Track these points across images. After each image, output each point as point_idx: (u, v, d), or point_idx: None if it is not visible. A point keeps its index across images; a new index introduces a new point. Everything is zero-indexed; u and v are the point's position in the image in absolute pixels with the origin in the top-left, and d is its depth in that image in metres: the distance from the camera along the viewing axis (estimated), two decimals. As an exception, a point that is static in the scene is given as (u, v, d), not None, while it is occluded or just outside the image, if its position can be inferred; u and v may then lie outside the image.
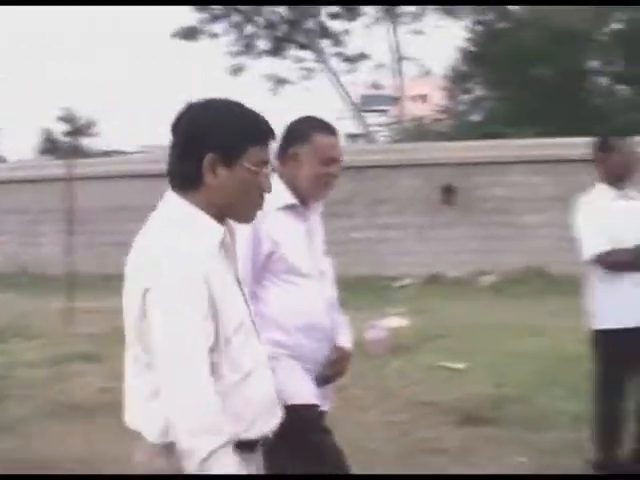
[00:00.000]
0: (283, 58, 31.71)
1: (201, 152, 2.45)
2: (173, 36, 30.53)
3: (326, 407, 3.93)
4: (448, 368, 9.04)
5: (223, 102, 2.57)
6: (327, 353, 3.88)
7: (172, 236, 2.40)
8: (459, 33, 44.38)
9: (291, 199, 3.75)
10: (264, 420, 2.61)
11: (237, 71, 31.37)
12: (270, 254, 3.63)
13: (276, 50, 31.43)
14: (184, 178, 2.49)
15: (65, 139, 47.09)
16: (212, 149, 2.45)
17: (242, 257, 3.40)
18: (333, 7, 30.39)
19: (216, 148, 2.45)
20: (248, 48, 31.26)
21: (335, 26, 31.42)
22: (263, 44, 31.43)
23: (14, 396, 8.16)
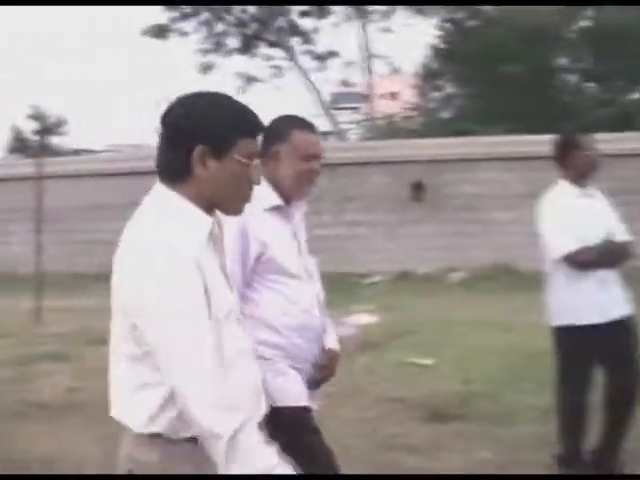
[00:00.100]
0: (253, 56, 31.75)
1: (191, 144, 2.45)
2: (143, 34, 30.48)
3: (315, 406, 3.95)
4: (417, 364, 9.08)
5: (212, 95, 2.58)
6: (317, 352, 3.90)
7: (162, 230, 2.41)
8: (429, 31, 44.64)
9: (277, 200, 3.75)
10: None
11: (207, 69, 31.35)
12: (259, 256, 3.63)
13: (246, 48, 31.39)
14: (173, 170, 2.49)
15: (34, 138, 46.74)
16: (202, 141, 2.45)
17: (231, 260, 3.37)
18: (303, 5, 30.43)
19: (206, 140, 2.45)
20: (218, 46, 31.24)
21: (305, 24, 31.52)
22: (233, 42, 31.46)
23: (-18, 396, 8.12)
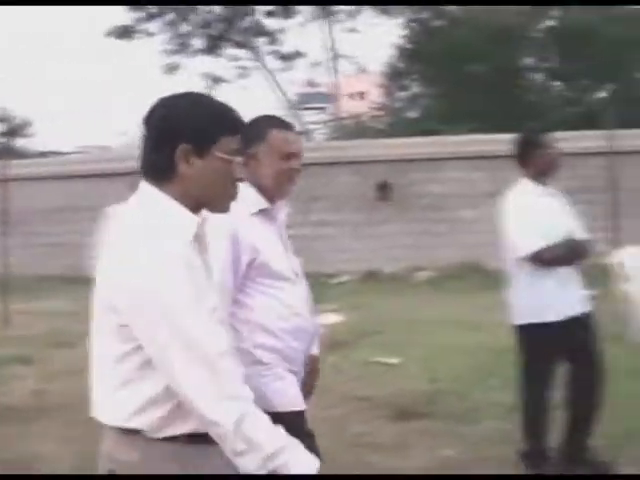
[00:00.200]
0: (218, 57, 31.68)
1: (174, 143, 2.47)
2: (108, 35, 30.33)
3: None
4: (383, 363, 9.12)
5: (193, 95, 2.61)
6: (308, 354, 3.89)
7: (148, 229, 2.42)
8: (394, 31, 44.73)
9: (263, 203, 3.74)
10: None
11: (172, 70, 31.26)
12: (251, 262, 3.61)
13: (211, 49, 31.30)
14: (158, 170, 2.51)
15: (0, 139, 46.34)
16: (184, 140, 2.47)
17: (223, 267, 3.45)
18: (268, 5, 30.39)
19: (188, 139, 2.48)
20: (183, 47, 31.14)
21: (271, 24, 31.50)
22: (198, 43, 31.35)
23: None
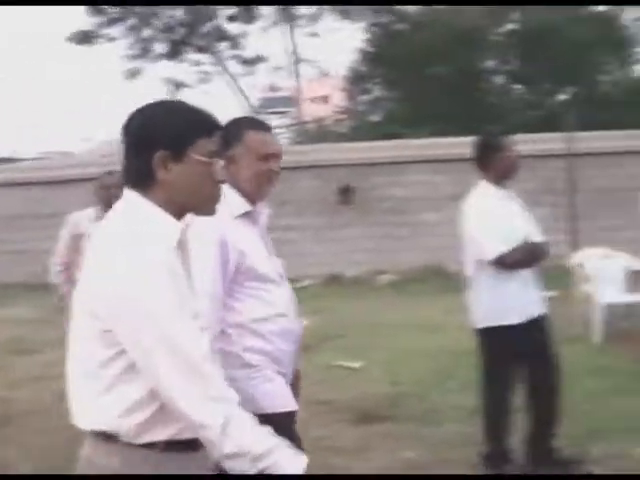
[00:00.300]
0: (180, 61, 31.44)
1: (151, 150, 2.49)
2: (69, 40, 30.10)
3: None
4: (346, 367, 9.12)
5: (169, 102, 2.68)
6: (295, 355, 3.88)
7: (132, 235, 2.43)
8: (356, 35, 44.81)
9: (246, 206, 3.75)
10: None
11: (134, 74, 31.03)
12: (239, 266, 3.61)
13: (173, 53, 31.14)
14: (138, 177, 2.53)
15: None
16: (161, 146, 2.50)
17: (214, 277, 3.47)
18: (230, 9, 30.30)
19: (165, 145, 2.50)
20: (145, 51, 30.94)
21: (232, 29, 31.34)
22: (160, 47, 31.11)
23: None
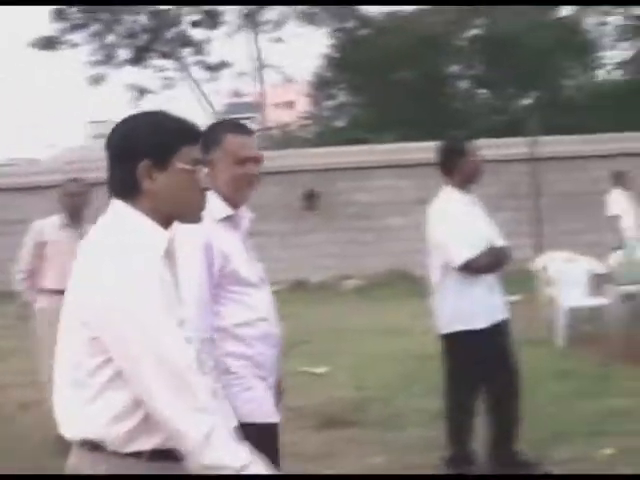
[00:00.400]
0: (144, 67, 31.36)
1: (135, 160, 2.50)
2: (31, 46, 29.91)
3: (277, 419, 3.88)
4: (311, 373, 9.10)
5: (151, 113, 2.66)
6: (276, 359, 3.84)
7: (120, 245, 2.43)
8: (320, 40, 44.86)
9: (228, 210, 3.69)
10: None
11: (98, 81, 30.91)
12: (222, 269, 3.58)
13: (137, 59, 31.04)
14: (124, 188, 2.53)
15: None
16: (145, 156, 2.50)
17: (200, 282, 3.46)
18: (194, 15, 30.27)
19: (148, 154, 2.50)
20: (108, 57, 30.79)
21: (196, 34, 31.32)
22: (124, 53, 31.01)
23: None
